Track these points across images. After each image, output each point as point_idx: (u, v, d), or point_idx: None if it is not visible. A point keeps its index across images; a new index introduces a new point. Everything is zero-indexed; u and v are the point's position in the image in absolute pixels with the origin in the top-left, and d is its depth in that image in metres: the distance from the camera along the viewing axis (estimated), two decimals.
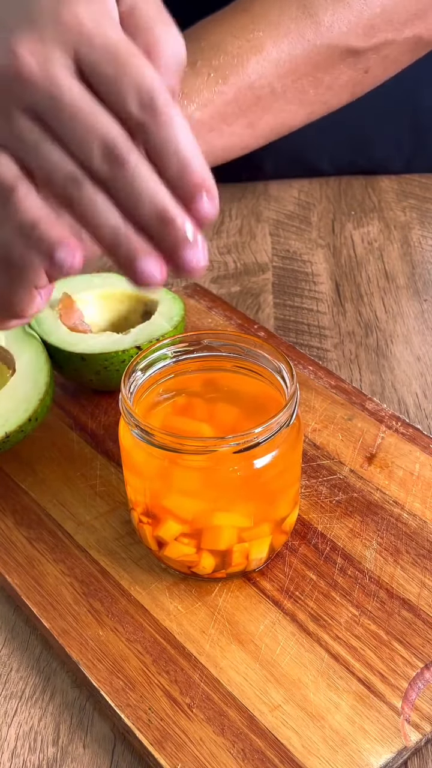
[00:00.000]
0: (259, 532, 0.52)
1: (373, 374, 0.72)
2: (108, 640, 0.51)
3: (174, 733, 0.47)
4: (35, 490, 0.61)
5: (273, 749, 0.46)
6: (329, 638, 0.51)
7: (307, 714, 0.47)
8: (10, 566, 0.56)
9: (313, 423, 0.64)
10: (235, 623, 0.52)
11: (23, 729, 0.49)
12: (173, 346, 0.55)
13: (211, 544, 0.52)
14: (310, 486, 0.60)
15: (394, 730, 0.47)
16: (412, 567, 0.54)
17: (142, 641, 0.51)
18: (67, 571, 0.55)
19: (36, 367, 0.62)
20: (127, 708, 0.48)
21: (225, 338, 0.55)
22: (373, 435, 0.63)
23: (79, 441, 0.64)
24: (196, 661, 0.50)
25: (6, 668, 0.52)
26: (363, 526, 0.57)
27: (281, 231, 0.91)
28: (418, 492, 0.59)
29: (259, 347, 0.54)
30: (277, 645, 0.51)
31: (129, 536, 0.57)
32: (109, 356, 0.63)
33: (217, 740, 0.46)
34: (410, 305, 0.80)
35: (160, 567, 0.55)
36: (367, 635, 0.51)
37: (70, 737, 0.49)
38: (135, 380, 0.52)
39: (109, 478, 0.61)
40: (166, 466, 0.50)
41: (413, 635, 0.51)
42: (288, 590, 0.53)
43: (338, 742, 0.46)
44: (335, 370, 0.73)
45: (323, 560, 0.55)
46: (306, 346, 0.75)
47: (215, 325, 0.74)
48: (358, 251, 0.88)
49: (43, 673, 0.52)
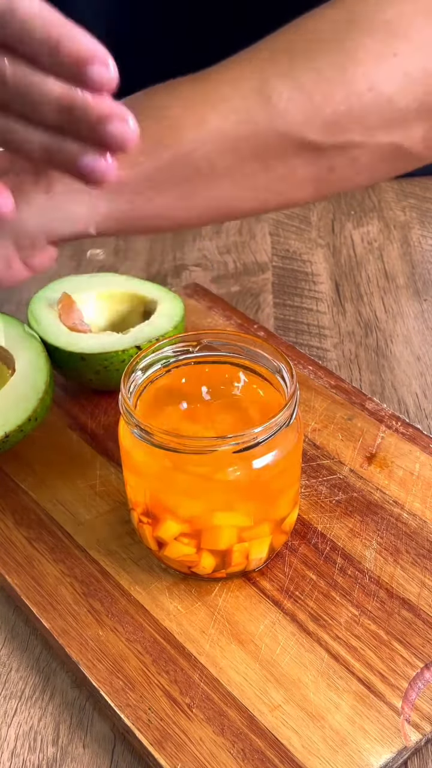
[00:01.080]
0: (259, 532, 0.52)
1: (373, 374, 0.72)
2: (108, 640, 0.51)
3: (174, 733, 0.47)
4: (35, 490, 0.61)
5: (273, 749, 0.46)
6: (329, 638, 0.51)
7: (307, 714, 0.47)
8: (10, 566, 0.56)
9: (313, 423, 0.64)
10: (235, 623, 0.52)
11: (23, 729, 0.49)
12: (173, 346, 0.55)
13: (211, 544, 0.52)
14: (310, 486, 0.60)
15: (394, 730, 0.47)
16: (412, 567, 0.54)
17: (142, 641, 0.51)
18: (67, 571, 0.55)
19: (36, 367, 0.62)
20: (127, 708, 0.48)
21: (225, 338, 0.55)
22: (373, 435, 0.63)
23: (79, 441, 0.64)
24: (196, 661, 0.50)
25: (6, 668, 0.52)
26: (363, 526, 0.57)
27: (281, 231, 0.91)
28: (418, 492, 0.59)
29: (259, 347, 0.54)
30: (277, 645, 0.51)
31: (129, 536, 0.57)
32: (109, 356, 0.63)
33: (217, 740, 0.46)
34: (410, 305, 0.80)
35: (160, 567, 0.55)
36: (367, 635, 0.51)
37: (70, 737, 0.49)
38: (135, 380, 0.52)
39: (109, 478, 0.61)
40: (166, 466, 0.50)
41: (413, 635, 0.51)
42: (288, 590, 0.53)
43: (338, 742, 0.46)
44: (335, 369, 0.73)
45: (323, 560, 0.55)
46: (306, 346, 0.75)
47: (215, 325, 0.74)
48: (357, 251, 0.88)
49: (43, 673, 0.52)
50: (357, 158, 0.50)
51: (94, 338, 0.65)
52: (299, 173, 0.51)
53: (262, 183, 0.51)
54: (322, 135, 0.49)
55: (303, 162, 0.50)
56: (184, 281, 0.83)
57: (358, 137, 0.49)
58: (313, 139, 0.49)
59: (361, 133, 0.49)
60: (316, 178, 0.51)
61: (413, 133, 0.50)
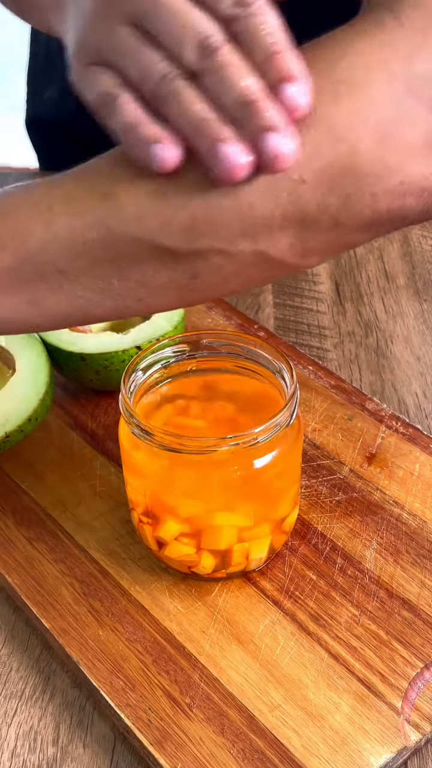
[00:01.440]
0: (259, 532, 0.52)
1: (373, 374, 0.72)
2: (108, 640, 0.51)
3: (174, 733, 0.47)
4: (35, 490, 0.61)
5: (273, 749, 0.46)
6: (329, 638, 0.51)
7: (307, 714, 0.47)
8: (10, 566, 0.56)
9: (313, 423, 0.64)
10: (235, 623, 0.52)
11: (23, 729, 0.49)
12: (173, 346, 0.55)
13: (211, 544, 0.52)
14: (310, 486, 0.60)
15: (394, 730, 0.47)
16: (412, 567, 0.55)
17: (142, 641, 0.51)
18: (67, 571, 0.55)
19: (36, 367, 0.62)
20: (127, 708, 0.48)
21: (225, 338, 0.55)
22: (373, 435, 0.63)
23: (79, 441, 0.64)
24: (196, 661, 0.50)
25: (6, 668, 0.52)
26: (363, 526, 0.57)
27: None
28: (418, 492, 0.59)
29: (259, 347, 0.54)
30: (277, 645, 0.51)
31: (129, 536, 0.57)
32: (109, 356, 0.63)
33: (217, 740, 0.46)
34: (410, 305, 0.80)
35: (160, 567, 0.55)
36: (367, 635, 0.51)
37: (70, 737, 0.49)
38: (135, 380, 0.52)
39: (109, 478, 0.61)
40: (166, 466, 0.50)
41: (413, 635, 0.51)
42: (288, 590, 0.53)
43: (338, 742, 0.46)
44: (335, 370, 0.73)
45: (323, 560, 0.55)
46: (306, 346, 0.75)
47: (215, 325, 0.74)
48: (358, 251, 0.88)
49: (43, 673, 0.52)
50: (221, 266, 0.46)
51: (94, 338, 0.65)
52: (158, 280, 0.46)
53: (118, 289, 0.47)
54: (179, 241, 0.45)
55: (162, 268, 0.46)
56: None
57: (219, 244, 0.45)
58: (169, 245, 0.45)
59: (219, 240, 0.44)
60: (178, 286, 0.47)
61: (279, 242, 0.45)
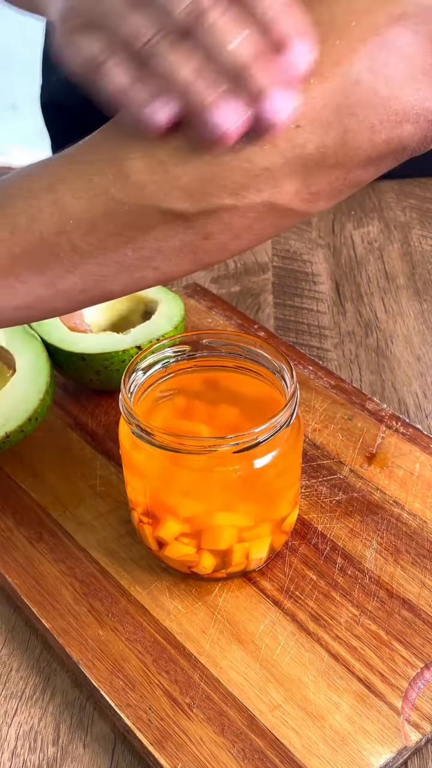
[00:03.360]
0: (259, 532, 0.52)
1: (373, 374, 0.72)
2: (108, 640, 0.51)
3: (174, 733, 0.47)
4: (35, 490, 0.61)
5: (273, 749, 0.46)
6: (329, 638, 0.51)
7: (307, 714, 0.47)
8: (10, 566, 0.56)
9: (313, 423, 0.64)
10: (235, 623, 0.52)
11: (23, 729, 0.49)
12: (173, 346, 0.55)
13: (211, 543, 0.52)
14: (310, 486, 0.60)
15: (394, 729, 0.47)
16: (412, 567, 0.55)
17: (142, 641, 0.51)
18: (67, 571, 0.55)
19: (36, 367, 0.62)
20: (127, 708, 0.48)
21: (225, 338, 0.55)
22: (373, 435, 0.63)
23: (79, 441, 0.64)
24: (196, 661, 0.50)
25: (6, 668, 0.52)
26: (363, 526, 0.57)
27: None
28: (418, 492, 0.59)
29: (259, 347, 0.54)
30: (277, 645, 0.51)
31: (129, 536, 0.57)
32: (109, 356, 0.63)
33: (217, 740, 0.46)
34: (410, 305, 0.80)
35: (160, 567, 0.55)
36: (367, 635, 0.51)
37: (70, 737, 0.49)
38: (135, 380, 0.52)
39: (109, 478, 0.61)
40: (166, 466, 0.50)
41: (413, 635, 0.51)
42: (288, 590, 0.53)
43: (338, 741, 0.46)
44: (335, 370, 0.73)
45: (323, 560, 0.55)
46: (306, 346, 0.75)
47: (215, 325, 0.74)
48: (358, 251, 0.88)
49: (43, 673, 0.52)
50: (231, 222, 0.47)
51: (94, 338, 0.65)
52: (170, 245, 0.47)
53: (132, 260, 0.47)
54: (185, 204, 0.45)
55: (173, 231, 0.47)
56: (184, 281, 0.83)
57: (228, 200, 0.45)
58: (177, 208, 0.45)
59: (228, 196, 0.45)
60: (191, 249, 0.48)
61: (284, 189, 0.46)
